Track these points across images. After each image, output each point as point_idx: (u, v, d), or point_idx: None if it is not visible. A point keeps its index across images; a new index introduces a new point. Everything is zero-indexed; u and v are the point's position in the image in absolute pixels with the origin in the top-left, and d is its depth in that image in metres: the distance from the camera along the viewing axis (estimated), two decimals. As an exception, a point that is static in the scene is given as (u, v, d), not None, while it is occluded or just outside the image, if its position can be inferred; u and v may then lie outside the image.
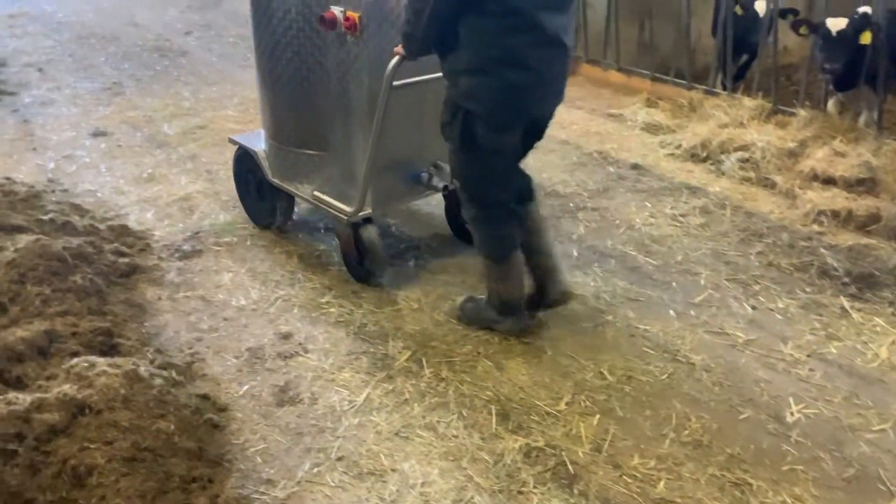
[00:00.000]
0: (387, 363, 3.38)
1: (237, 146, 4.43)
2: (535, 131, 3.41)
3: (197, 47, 8.74)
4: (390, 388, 3.23)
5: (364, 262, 3.91)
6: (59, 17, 10.10)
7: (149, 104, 6.77)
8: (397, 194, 4.03)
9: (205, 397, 3.12)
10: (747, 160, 5.09)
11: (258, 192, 4.41)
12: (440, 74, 3.31)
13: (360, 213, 3.78)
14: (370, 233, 3.85)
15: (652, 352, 3.43)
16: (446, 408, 3.11)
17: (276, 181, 4.14)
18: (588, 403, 3.13)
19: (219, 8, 10.75)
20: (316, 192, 3.98)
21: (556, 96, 3.30)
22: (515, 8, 2.94)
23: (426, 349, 3.47)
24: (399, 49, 3.28)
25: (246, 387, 3.26)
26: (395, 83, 3.37)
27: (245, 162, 4.42)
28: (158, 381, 3.04)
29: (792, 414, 3.02)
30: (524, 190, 3.49)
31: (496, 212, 3.35)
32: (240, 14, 10.30)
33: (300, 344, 3.52)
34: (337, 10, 3.54)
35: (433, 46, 3.17)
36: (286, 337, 3.57)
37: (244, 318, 3.72)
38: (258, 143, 4.31)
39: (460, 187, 3.44)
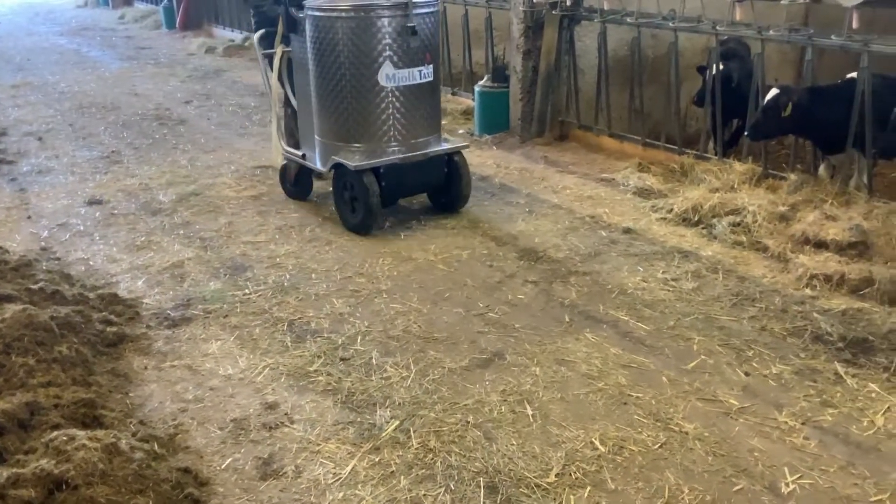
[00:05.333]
0: (374, 433, 3.32)
1: None
2: None
3: (196, 116, 8.88)
4: (377, 459, 3.16)
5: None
6: (61, 88, 10.31)
7: (145, 172, 6.84)
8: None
9: (186, 471, 3.05)
10: (739, 224, 5.10)
11: None
12: None
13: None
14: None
15: (644, 420, 3.37)
16: (433, 480, 3.04)
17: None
18: (579, 475, 3.06)
19: (219, 77, 10.96)
20: None
21: None
22: None
23: (414, 418, 3.41)
24: None
25: (229, 459, 3.19)
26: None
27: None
28: (139, 454, 2.98)
29: (787, 485, 2.94)
30: None
31: None
32: (239, 83, 10.50)
33: (286, 414, 3.46)
34: None
35: None
36: (272, 407, 3.52)
37: (230, 388, 3.67)
38: None
39: None
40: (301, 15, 5.26)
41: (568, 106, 7.30)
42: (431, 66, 5.28)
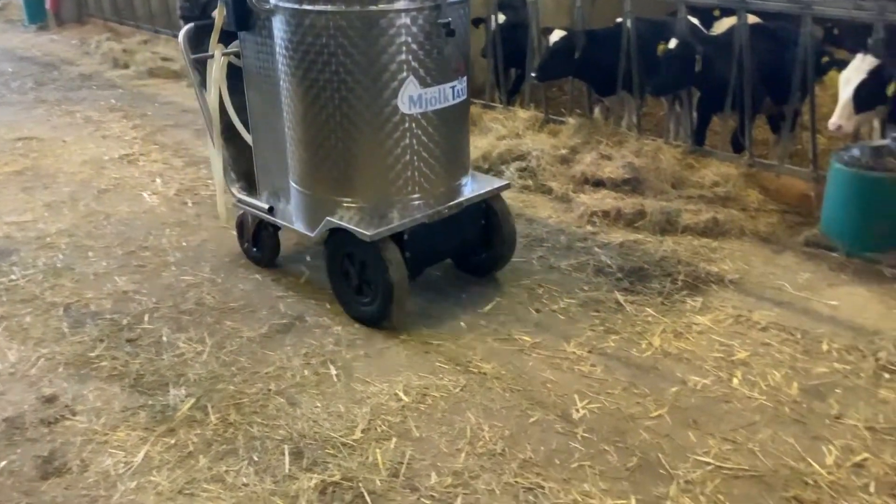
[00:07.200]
0: (167, 415, 3.13)
1: None
2: None
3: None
4: (172, 442, 2.99)
5: None
6: None
7: None
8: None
9: (-50, 483, 2.73)
10: (525, 169, 5.29)
11: None
12: None
13: None
14: None
15: (445, 366, 3.43)
16: (235, 455, 2.93)
17: None
18: (384, 428, 3.06)
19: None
20: None
21: None
22: None
23: (212, 394, 3.26)
24: None
25: (3, 462, 2.89)
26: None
27: None
28: None
29: (577, 410, 3.12)
30: None
31: None
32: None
33: (67, 406, 3.19)
34: None
35: None
36: (50, 400, 3.22)
37: (0, 385, 3.32)
38: None
39: None
40: (266, 5, 3.60)
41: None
42: (465, 78, 3.78)
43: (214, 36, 3.90)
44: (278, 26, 3.57)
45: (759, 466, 2.80)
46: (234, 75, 4.00)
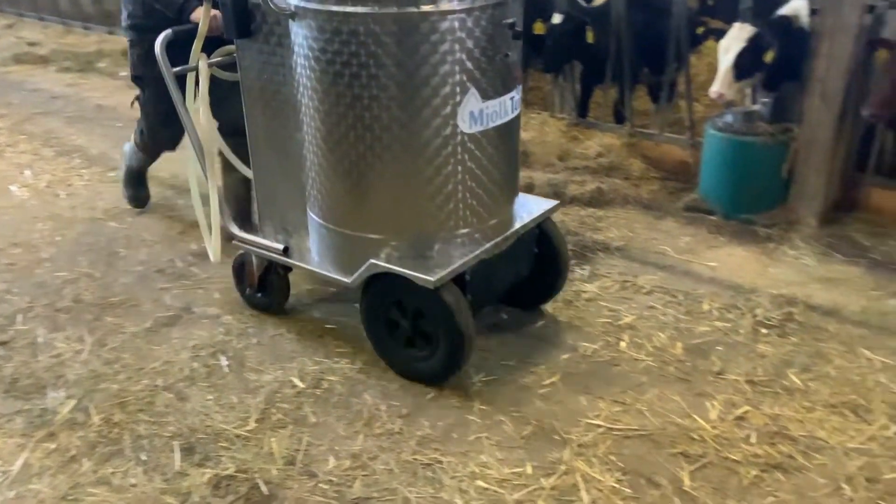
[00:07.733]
0: (46, 419, 2.97)
1: None
2: None
3: None
4: (52, 447, 2.84)
5: None
6: None
7: None
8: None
9: None
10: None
11: None
12: None
13: None
14: None
15: (341, 349, 3.38)
16: (122, 455, 2.80)
17: None
18: (279, 416, 3.00)
19: None
20: None
21: None
22: None
23: (94, 394, 3.11)
24: None
25: None
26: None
27: None
28: None
29: (474, 384, 3.14)
30: None
31: None
32: None
33: (-67, 418, 2.98)
34: None
35: None
36: (-87, 413, 3.00)
37: None
38: None
39: None
40: (286, 7, 2.91)
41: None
42: (521, 87, 3.21)
43: (197, 44, 3.30)
44: (303, 33, 2.89)
45: (648, 425, 2.89)
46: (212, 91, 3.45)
